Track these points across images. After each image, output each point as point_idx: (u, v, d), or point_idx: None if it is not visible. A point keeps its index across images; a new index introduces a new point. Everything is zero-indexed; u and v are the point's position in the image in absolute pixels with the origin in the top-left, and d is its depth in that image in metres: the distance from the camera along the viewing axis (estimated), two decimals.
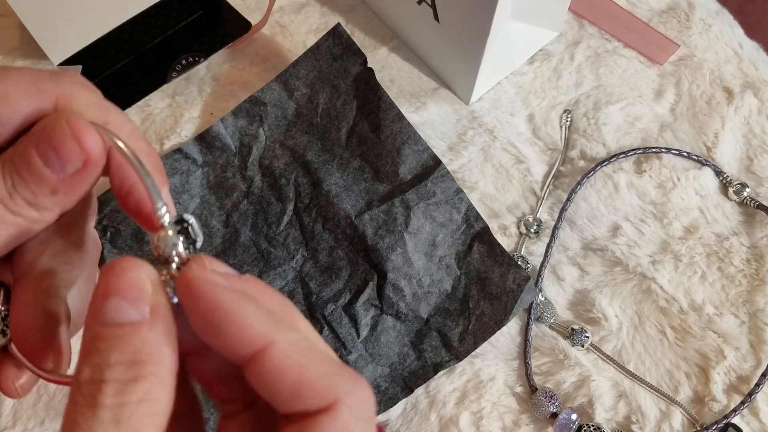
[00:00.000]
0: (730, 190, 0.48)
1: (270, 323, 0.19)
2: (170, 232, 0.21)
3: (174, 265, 0.21)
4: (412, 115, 0.50)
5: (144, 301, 0.19)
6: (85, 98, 0.23)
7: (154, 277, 0.20)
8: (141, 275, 0.19)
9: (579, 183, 0.48)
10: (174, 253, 0.21)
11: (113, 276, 0.19)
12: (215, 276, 0.20)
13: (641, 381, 0.44)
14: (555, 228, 0.48)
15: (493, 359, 0.45)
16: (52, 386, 0.44)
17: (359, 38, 0.54)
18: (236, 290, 0.20)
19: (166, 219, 0.21)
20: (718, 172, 0.49)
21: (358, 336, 0.45)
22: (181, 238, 0.21)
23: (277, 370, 0.19)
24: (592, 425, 0.42)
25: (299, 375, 0.19)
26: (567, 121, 0.51)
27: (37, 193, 0.22)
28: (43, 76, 0.23)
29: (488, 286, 0.45)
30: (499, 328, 0.44)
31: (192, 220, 0.21)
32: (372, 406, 0.20)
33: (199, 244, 0.21)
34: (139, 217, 0.24)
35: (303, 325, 0.21)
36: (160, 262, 0.21)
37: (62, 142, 0.22)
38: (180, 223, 0.21)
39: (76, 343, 0.21)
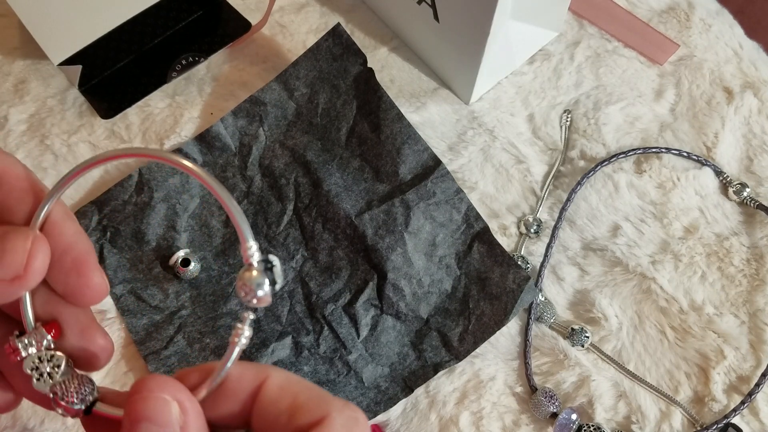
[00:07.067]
0: (730, 190, 0.48)
1: (261, 367, 0.23)
2: (255, 273, 0.21)
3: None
4: (412, 115, 0.50)
5: (171, 423, 0.20)
6: (23, 167, 0.24)
7: (180, 391, 0.21)
8: (166, 397, 0.21)
9: (579, 183, 0.48)
10: (257, 293, 0.21)
11: (141, 400, 0.20)
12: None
13: (641, 381, 0.44)
14: (555, 228, 0.47)
15: (493, 359, 0.45)
16: None
17: (359, 38, 0.54)
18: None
19: (256, 258, 0.22)
20: (718, 172, 0.49)
21: (358, 336, 0.45)
22: (267, 280, 0.22)
23: (274, 399, 0.22)
24: (592, 425, 0.42)
25: (293, 400, 0.21)
26: (567, 121, 0.51)
27: None
28: None
29: (488, 286, 0.45)
30: (499, 328, 0.44)
31: (276, 262, 0.22)
32: (364, 427, 0.22)
33: (278, 286, 0.22)
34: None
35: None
36: (246, 300, 0.22)
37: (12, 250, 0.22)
38: (265, 263, 0.22)
39: None
